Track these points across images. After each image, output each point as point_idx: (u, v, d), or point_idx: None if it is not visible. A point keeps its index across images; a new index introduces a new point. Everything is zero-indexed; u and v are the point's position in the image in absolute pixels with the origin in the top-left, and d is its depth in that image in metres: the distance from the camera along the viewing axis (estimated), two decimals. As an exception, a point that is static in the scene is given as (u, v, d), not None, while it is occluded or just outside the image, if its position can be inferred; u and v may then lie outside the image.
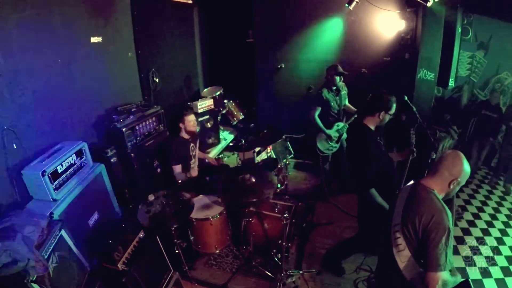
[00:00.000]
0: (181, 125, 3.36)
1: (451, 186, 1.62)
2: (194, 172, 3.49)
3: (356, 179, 2.43)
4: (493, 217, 3.89)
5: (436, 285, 1.51)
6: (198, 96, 4.89)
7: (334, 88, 3.81)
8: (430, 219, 1.54)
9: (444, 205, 1.60)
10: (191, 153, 3.49)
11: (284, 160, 4.03)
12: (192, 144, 3.52)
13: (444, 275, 1.52)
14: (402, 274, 1.69)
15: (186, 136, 3.42)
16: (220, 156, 4.61)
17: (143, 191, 3.23)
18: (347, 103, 4.00)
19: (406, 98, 3.01)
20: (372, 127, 2.38)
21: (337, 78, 3.74)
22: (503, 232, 3.59)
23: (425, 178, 1.70)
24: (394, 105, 2.36)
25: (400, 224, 1.67)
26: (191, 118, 3.38)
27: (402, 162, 2.70)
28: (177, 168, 3.32)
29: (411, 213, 1.63)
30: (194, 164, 3.57)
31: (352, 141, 2.51)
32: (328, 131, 3.88)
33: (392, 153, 2.74)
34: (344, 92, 3.90)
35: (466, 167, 1.62)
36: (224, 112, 4.81)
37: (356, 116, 3.83)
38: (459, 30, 3.80)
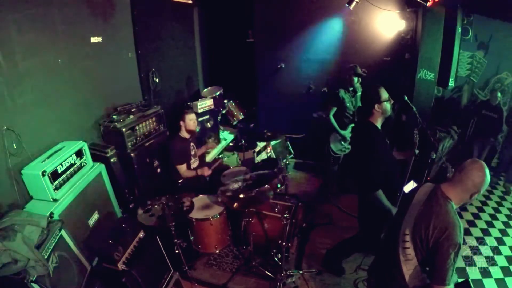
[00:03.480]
0: (181, 123, 3.37)
1: (472, 198, 1.60)
2: (206, 171, 3.43)
3: (361, 180, 2.41)
4: (493, 217, 3.90)
5: None
6: (198, 96, 4.88)
7: (351, 88, 3.78)
8: (444, 232, 1.52)
9: (459, 219, 1.57)
10: (191, 152, 3.49)
11: (284, 160, 4.03)
12: (192, 144, 3.52)
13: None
14: (405, 282, 1.68)
15: (186, 135, 3.43)
16: (220, 156, 4.61)
17: (143, 191, 3.24)
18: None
19: (406, 98, 3.01)
20: (379, 125, 2.36)
21: (355, 79, 3.71)
22: (503, 232, 3.59)
23: (445, 185, 1.65)
24: (384, 92, 2.31)
25: (411, 233, 1.65)
26: (192, 116, 3.39)
27: (404, 162, 2.69)
28: (182, 168, 3.33)
29: (425, 222, 1.59)
30: (195, 164, 3.57)
31: (360, 141, 2.45)
32: (343, 132, 3.82)
33: (393, 152, 2.72)
34: (360, 93, 3.84)
35: (488, 177, 1.56)
36: (224, 112, 4.81)
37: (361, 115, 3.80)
38: (459, 30, 3.80)
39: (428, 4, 3.57)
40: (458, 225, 1.53)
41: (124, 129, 3.06)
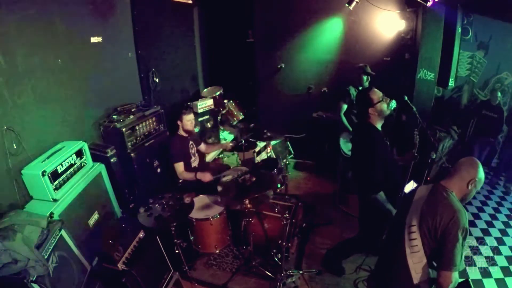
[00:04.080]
0: (178, 122, 3.40)
1: (469, 187, 1.67)
2: (207, 177, 3.28)
3: (362, 181, 2.40)
4: (493, 217, 3.89)
5: (450, 284, 1.55)
6: (198, 96, 4.89)
7: (361, 87, 3.78)
8: (451, 218, 1.56)
9: (462, 206, 1.63)
10: (190, 151, 3.49)
11: (284, 160, 4.02)
12: (191, 142, 3.52)
13: (457, 275, 1.56)
14: (410, 277, 1.68)
15: (184, 134, 3.44)
16: (220, 156, 4.62)
17: (143, 191, 3.24)
18: None
19: (406, 98, 3.00)
20: (379, 126, 2.36)
21: (364, 77, 3.72)
22: (503, 232, 3.59)
23: (444, 180, 1.74)
24: (375, 94, 2.29)
25: (418, 223, 1.67)
26: (189, 117, 3.39)
27: (405, 163, 2.69)
28: (180, 166, 3.31)
29: (432, 212, 1.64)
30: (195, 162, 3.57)
31: (360, 142, 2.44)
32: None
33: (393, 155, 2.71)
34: None
35: (482, 171, 1.68)
36: (224, 112, 4.82)
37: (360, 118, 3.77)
38: (459, 30, 3.80)
39: (428, 4, 3.57)
40: (463, 211, 1.59)
41: (124, 129, 3.06)
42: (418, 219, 1.68)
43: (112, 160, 2.96)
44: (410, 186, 2.87)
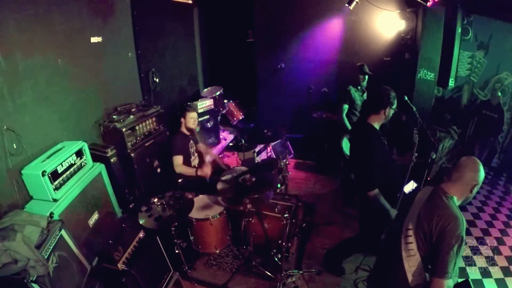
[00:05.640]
0: (182, 119, 3.41)
1: (473, 191, 1.65)
2: (208, 170, 3.34)
3: (360, 180, 2.41)
4: (493, 217, 3.89)
5: None
6: (198, 96, 4.89)
7: (359, 87, 3.79)
8: (447, 225, 1.54)
9: (461, 213, 1.60)
10: (190, 149, 3.50)
11: (284, 160, 4.01)
12: (191, 142, 3.53)
13: (449, 282, 1.53)
14: (406, 280, 1.68)
15: (186, 131, 3.45)
16: (220, 156, 4.61)
17: (143, 191, 3.24)
18: None
19: (406, 98, 3.00)
20: (377, 126, 2.36)
21: (361, 77, 3.72)
22: (503, 232, 3.59)
23: (445, 184, 1.71)
24: (396, 99, 2.33)
25: (415, 227, 1.66)
26: (192, 115, 3.42)
27: (404, 163, 2.69)
28: (178, 159, 3.29)
29: (428, 217, 1.62)
30: (195, 161, 3.57)
31: (358, 141, 2.45)
32: None
33: (393, 155, 2.72)
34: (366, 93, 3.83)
35: (483, 172, 1.67)
36: (224, 112, 4.82)
37: (359, 115, 3.77)
38: (459, 30, 3.80)
39: (428, 4, 3.57)
40: (461, 219, 1.57)
41: (124, 129, 3.06)
42: (415, 223, 1.67)
43: (112, 160, 2.96)
44: (410, 186, 2.87)
